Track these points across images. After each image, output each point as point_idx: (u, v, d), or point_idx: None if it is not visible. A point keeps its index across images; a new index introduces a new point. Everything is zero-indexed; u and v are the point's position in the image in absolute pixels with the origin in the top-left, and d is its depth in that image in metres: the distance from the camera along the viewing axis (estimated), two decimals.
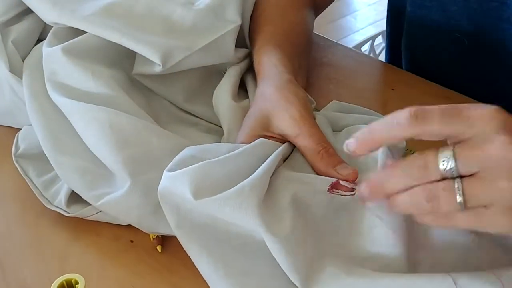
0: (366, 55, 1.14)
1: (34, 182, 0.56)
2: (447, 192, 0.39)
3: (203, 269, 0.45)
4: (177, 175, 0.46)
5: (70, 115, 0.56)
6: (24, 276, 0.50)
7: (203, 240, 0.46)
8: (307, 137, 0.51)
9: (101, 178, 0.53)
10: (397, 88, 0.72)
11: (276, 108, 0.53)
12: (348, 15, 2.79)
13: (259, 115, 0.54)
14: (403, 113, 0.40)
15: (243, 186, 0.46)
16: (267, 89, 0.56)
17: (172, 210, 0.47)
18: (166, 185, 0.47)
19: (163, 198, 0.47)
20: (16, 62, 0.65)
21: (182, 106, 0.64)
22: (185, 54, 0.60)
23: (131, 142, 0.52)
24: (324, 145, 0.51)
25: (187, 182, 0.46)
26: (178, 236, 0.47)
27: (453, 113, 0.39)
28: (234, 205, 0.45)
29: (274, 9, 0.69)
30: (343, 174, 0.49)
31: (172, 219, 0.47)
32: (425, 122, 0.39)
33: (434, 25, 0.74)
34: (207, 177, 0.46)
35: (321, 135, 0.52)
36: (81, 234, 0.54)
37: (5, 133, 0.65)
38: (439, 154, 0.39)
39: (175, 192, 0.46)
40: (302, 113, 0.52)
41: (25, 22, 0.69)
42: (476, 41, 0.71)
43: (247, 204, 0.45)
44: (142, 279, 0.50)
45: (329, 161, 0.50)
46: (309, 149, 0.51)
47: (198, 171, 0.46)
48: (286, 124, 0.52)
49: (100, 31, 0.60)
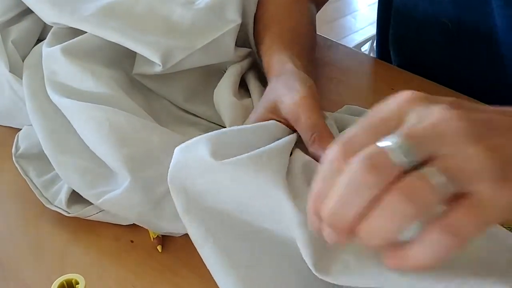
0: (366, 55, 1.14)
1: (34, 182, 0.56)
2: (424, 180, 0.32)
3: (207, 257, 0.44)
4: (193, 141, 0.46)
5: (69, 115, 0.56)
6: (24, 276, 0.50)
7: (210, 226, 0.45)
8: (303, 122, 0.51)
9: (101, 177, 0.53)
10: (397, 87, 0.72)
11: (281, 93, 0.54)
12: (348, 15, 2.80)
13: (267, 101, 0.55)
14: (331, 157, 0.35)
15: (261, 154, 0.45)
16: (276, 80, 0.57)
17: (180, 193, 0.46)
18: (178, 159, 0.46)
19: (172, 179, 0.46)
20: (16, 62, 0.65)
21: (182, 105, 0.64)
22: (185, 54, 0.60)
23: (130, 140, 0.52)
24: (318, 129, 0.50)
25: (205, 144, 0.45)
26: (185, 222, 0.46)
27: (375, 120, 0.35)
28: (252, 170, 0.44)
29: (278, 8, 0.69)
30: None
31: (179, 203, 0.46)
32: (353, 147, 0.34)
33: (420, 13, 0.74)
34: (223, 142, 0.46)
35: (318, 120, 0.51)
36: (81, 234, 0.54)
37: (5, 133, 0.65)
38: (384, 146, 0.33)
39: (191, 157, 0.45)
40: (304, 98, 0.52)
41: (25, 22, 0.69)
42: (461, 27, 0.72)
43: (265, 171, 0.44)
44: (142, 279, 0.50)
45: (320, 144, 0.49)
46: (304, 133, 0.51)
47: (215, 136, 0.46)
48: (287, 109, 0.52)
49: (100, 31, 0.60)
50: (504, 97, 0.70)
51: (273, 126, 0.51)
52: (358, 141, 0.34)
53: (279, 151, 0.47)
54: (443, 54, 0.76)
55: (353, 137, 0.34)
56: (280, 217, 0.44)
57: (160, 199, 0.50)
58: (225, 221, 0.46)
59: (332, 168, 0.34)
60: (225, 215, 0.46)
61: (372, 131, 0.34)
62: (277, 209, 0.44)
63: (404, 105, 0.35)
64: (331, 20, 2.65)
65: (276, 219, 0.45)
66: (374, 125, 0.35)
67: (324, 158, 0.35)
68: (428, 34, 0.76)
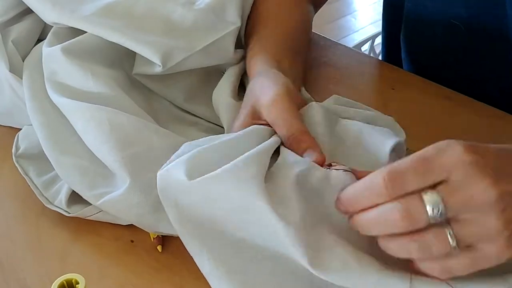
0: (366, 55, 1.13)
1: (34, 182, 0.56)
2: (439, 239, 0.39)
3: (203, 266, 0.45)
4: (172, 165, 0.46)
5: (69, 115, 0.56)
6: (24, 276, 0.50)
7: (203, 236, 0.46)
8: (280, 124, 0.51)
9: (101, 178, 0.53)
10: (397, 87, 0.72)
11: (257, 96, 0.54)
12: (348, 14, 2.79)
13: (247, 105, 0.55)
14: (377, 180, 0.40)
15: (236, 162, 0.45)
16: (250, 85, 0.57)
17: (171, 205, 0.46)
18: (160, 184, 0.47)
19: (162, 192, 0.47)
20: (16, 62, 0.65)
21: (182, 106, 0.64)
22: (185, 55, 0.60)
23: (130, 141, 0.52)
24: (293, 131, 0.50)
25: (181, 167, 0.45)
26: (179, 232, 0.46)
27: (425, 168, 0.39)
28: (228, 181, 0.44)
29: (270, 8, 0.69)
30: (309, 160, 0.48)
31: (171, 214, 0.46)
32: (401, 186, 0.39)
33: (432, 14, 0.74)
34: (200, 161, 0.46)
35: (293, 121, 0.51)
36: (81, 234, 0.53)
37: (5, 133, 0.65)
38: (425, 201, 0.39)
39: (171, 181, 0.46)
40: (276, 100, 0.52)
41: (25, 22, 0.69)
42: (472, 28, 0.72)
43: (244, 177, 0.44)
44: (142, 279, 0.50)
45: (297, 147, 0.49)
46: (282, 136, 0.51)
47: (191, 157, 0.46)
48: (264, 111, 0.52)
49: (100, 31, 0.60)
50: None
51: (253, 131, 0.51)
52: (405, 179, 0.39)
53: (256, 155, 0.47)
54: (455, 55, 0.76)
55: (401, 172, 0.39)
56: (265, 225, 0.44)
57: (159, 201, 0.50)
58: (216, 231, 0.46)
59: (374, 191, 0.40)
60: (215, 226, 0.46)
61: (420, 176, 0.39)
62: (259, 219, 0.44)
63: (457, 163, 0.39)
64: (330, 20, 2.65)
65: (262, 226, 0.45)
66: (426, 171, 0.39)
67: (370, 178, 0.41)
68: (440, 36, 0.76)
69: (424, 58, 0.79)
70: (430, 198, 0.39)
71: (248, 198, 0.44)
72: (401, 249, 0.40)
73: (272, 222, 0.43)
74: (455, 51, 0.76)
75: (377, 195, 0.40)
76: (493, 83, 0.73)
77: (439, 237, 0.39)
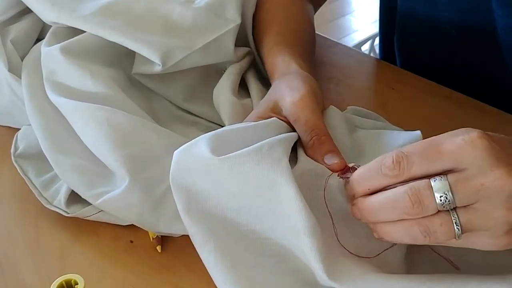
0: (366, 55, 1.14)
1: (33, 182, 0.56)
2: (445, 226, 0.39)
3: (207, 257, 0.44)
4: (193, 142, 0.46)
5: (68, 115, 0.56)
6: (23, 276, 0.50)
7: (210, 226, 0.45)
8: (302, 123, 0.51)
9: (100, 177, 0.53)
10: (397, 87, 0.72)
11: (283, 93, 0.54)
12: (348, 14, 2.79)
13: (269, 100, 0.55)
14: (385, 161, 0.40)
15: (262, 145, 0.45)
16: (278, 81, 0.57)
17: (181, 194, 0.46)
18: (179, 159, 0.46)
19: (173, 180, 0.46)
20: (15, 62, 0.65)
21: (181, 105, 0.64)
22: (185, 53, 0.60)
23: (129, 141, 0.52)
24: (317, 132, 0.50)
25: (205, 143, 0.45)
26: (186, 222, 0.45)
27: (434, 153, 0.39)
28: (253, 161, 0.44)
29: (278, 9, 0.69)
30: (328, 163, 0.48)
31: (180, 203, 0.46)
32: (410, 169, 0.39)
33: (424, 18, 0.75)
34: (224, 140, 0.46)
35: (318, 122, 0.51)
36: (81, 234, 0.53)
37: (4, 133, 0.64)
38: (434, 188, 0.38)
39: (191, 158, 0.45)
40: (304, 98, 0.52)
41: (24, 22, 0.69)
42: (464, 33, 0.72)
43: (267, 160, 0.44)
44: (142, 279, 0.50)
45: (318, 149, 0.49)
46: (303, 135, 0.50)
47: (215, 135, 0.46)
48: (287, 108, 0.52)
49: (99, 30, 0.60)
50: (506, 97, 0.70)
51: (273, 123, 0.51)
52: (415, 162, 0.39)
53: (280, 141, 0.46)
54: (446, 59, 0.77)
55: (411, 156, 0.39)
56: (283, 213, 0.44)
57: (159, 200, 0.50)
58: (226, 222, 0.45)
59: (381, 170, 0.40)
60: (226, 216, 0.45)
61: (428, 160, 0.39)
62: (279, 205, 0.44)
63: (469, 149, 0.38)
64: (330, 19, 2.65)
65: (277, 217, 0.44)
66: (435, 156, 0.39)
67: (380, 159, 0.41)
68: (431, 40, 0.76)
69: (416, 60, 0.80)
70: (439, 185, 0.38)
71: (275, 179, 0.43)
72: (405, 234, 0.40)
73: (293, 210, 0.42)
74: (446, 55, 0.77)
75: (383, 175, 0.40)
76: (485, 86, 0.74)
77: (446, 224, 0.39)
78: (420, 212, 0.39)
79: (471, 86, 0.71)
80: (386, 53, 0.87)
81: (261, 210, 0.45)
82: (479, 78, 0.75)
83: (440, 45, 0.76)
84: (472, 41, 0.72)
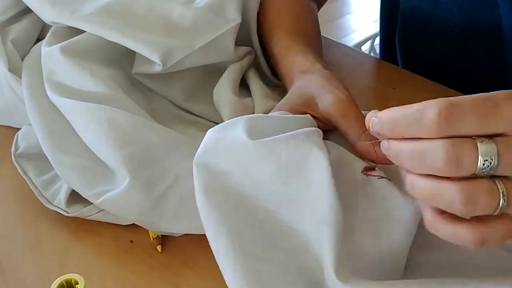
0: (367, 54, 1.14)
1: (33, 182, 0.56)
2: (490, 195, 0.34)
3: (218, 244, 0.42)
4: (229, 122, 0.45)
5: (68, 115, 0.56)
6: (23, 276, 0.50)
7: (225, 210, 0.44)
8: (352, 118, 0.51)
9: (100, 176, 0.53)
10: (398, 87, 0.72)
11: (322, 89, 0.53)
12: (348, 14, 2.79)
13: (301, 93, 0.54)
14: (431, 112, 0.34)
15: (298, 132, 0.44)
16: (309, 77, 0.57)
17: (201, 173, 0.45)
18: (209, 138, 0.45)
19: (198, 158, 0.45)
20: (15, 62, 0.65)
21: (182, 105, 0.64)
22: (185, 53, 0.60)
23: (130, 140, 0.52)
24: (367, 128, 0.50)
25: (242, 125, 0.45)
26: (200, 203, 0.44)
27: (489, 111, 0.34)
28: (290, 147, 0.43)
29: (285, 8, 0.69)
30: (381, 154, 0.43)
31: (199, 183, 0.44)
32: (459, 126, 0.34)
33: (427, 16, 0.74)
34: (261, 125, 0.46)
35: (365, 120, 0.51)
36: (81, 234, 0.53)
37: (4, 132, 0.64)
38: (480, 150, 0.34)
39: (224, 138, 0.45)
40: (348, 97, 0.52)
41: (24, 22, 0.69)
42: (467, 30, 0.72)
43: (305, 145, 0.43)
44: (142, 279, 0.50)
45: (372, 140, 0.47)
46: (354, 130, 0.50)
47: (253, 119, 0.46)
48: (333, 104, 0.52)
49: (99, 30, 0.60)
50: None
51: (309, 119, 0.51)
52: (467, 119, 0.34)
53: (317, 131, 0.46)
54: (449, 57, 0.77)
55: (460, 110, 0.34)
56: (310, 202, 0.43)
57: (160, 198, 0.50)
58: (242, 207, 0.44)
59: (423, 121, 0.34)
60: (243, 200, 0.45)
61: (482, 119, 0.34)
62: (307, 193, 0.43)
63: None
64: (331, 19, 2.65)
65: (300, 208, 0.44)
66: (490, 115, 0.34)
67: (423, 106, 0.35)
68: (434, 38, 0.76)
69: (418, 59, 0.80)
70: (487, 148, 0.34)
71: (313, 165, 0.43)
72: (440, 193, 0.35)
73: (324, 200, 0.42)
74: (449, 53, 0.76)
75: (426, 128, 0.34)
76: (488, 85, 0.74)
77: (490, 191, 0.34)
78: (453, 170, 0.34)
79: (474, 85, 0.71)
80: (387, 52, 0.87)
81: (285, 199, 0.44)
82: (482, 77, 0.74)
83: (443, 43, 0.76)
84: (476, 39, 0.72)
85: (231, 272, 0.42)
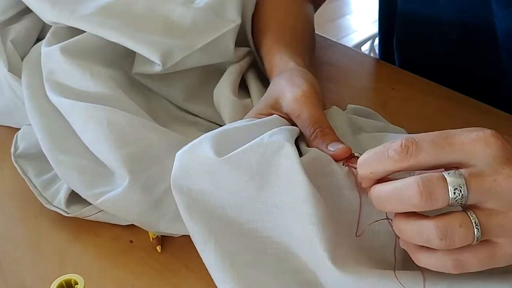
0: (366, 55, 1.14)
1: (33, 182, 0.56)
2: (464, 228, 0.36)
3: (208, 256, 0.44)
4: (196, 142, 0.46)
5: (68, 115, 0.56)
6: (23, 276, 0.50)
7: (211, 225, 0.45)
8: (305, 118, 0.51)
9: (100, 177, 0.53)
10: (397, 87, 0.72)
11: (283, 89, 0.54)
12: (348, 14, 2.79)
13: (268, 97, 0.55)
14: (394, 145, 0.38)
15: (262, 137, 0.45)
16: (277, 78, 0.57)
17: (182, 193, 0.46)
18: (182, 159, 0.46)
19: (175, 179, 0.46)
20: (15, 62, 0.65)
21: (181, 105, 0.64)
22: (185, 53, 0.60)
23: (129, 140, 0.52)
24: (320, 125, 0.50)
25: (208, 143, 0.45)
26: (186, 221, 0.45)
27: (445, 143, 0.37)
28: (257, 154, 0.44)
29: (277, 8, 0.69)
30: (332, 149, 0.48)
31: (181, 202, 0.46)
32: (417, 155, 0.37)
33: (424, 19, 0.75)
34: (226, 139, 0.46)
35: (321, 117, 0.51)
36: (81, 234, 0.53)
37: (4, 133, 0.64)
38: (448, 181, 0.36)
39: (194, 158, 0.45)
40: (305, 94, 0.52)
41: (24, 22, 0.69)
42: (464, 33, 0.72)
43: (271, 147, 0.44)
44: (141, 279, 0.50)
45: (322, 139, 0.49)
46: (305, 129, 0.50)
47: (218, 135, 0.46)
48: (289, 104, 0.52)
49: (99, 30, 0.60)
50: (504, 98, 0.70)
51: (275, 120, 0.51)
52: (424, 149, 0.37)
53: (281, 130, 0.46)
54: (446, 59, 0.77)
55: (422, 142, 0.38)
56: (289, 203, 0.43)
57: (159, 199, 0.50)
58: (227, 221, 0.45)
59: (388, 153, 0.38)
60: (227, 215, 0.45)
61: (441, 150, 0.37)
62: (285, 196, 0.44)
63: (482, 145, 0.37)
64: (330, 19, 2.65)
65: (282, 211, 0.44)
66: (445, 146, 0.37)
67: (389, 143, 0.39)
68: (432, 39, 0.76)
69: (415, 61, 0.80)
70: (454, 178, 0.36)
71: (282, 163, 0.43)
72: (418, 232, 0.38)
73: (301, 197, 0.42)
74: (446, 56, 0.77)
75: (388, 158, 0.38)
76: (485, 86, 0.74)
77: (464, 224, 0.36)
78: (428, 204, 0.36)
79: (471, 86, 0.71)
80: (385, 54, 0.88)
81: (265, 206, 0.45)
82: (479, 78, 0.75)
83: (440, 46, 0.76)
84: (472, 42, 0.72)
85: (223, 284, 0.43)
